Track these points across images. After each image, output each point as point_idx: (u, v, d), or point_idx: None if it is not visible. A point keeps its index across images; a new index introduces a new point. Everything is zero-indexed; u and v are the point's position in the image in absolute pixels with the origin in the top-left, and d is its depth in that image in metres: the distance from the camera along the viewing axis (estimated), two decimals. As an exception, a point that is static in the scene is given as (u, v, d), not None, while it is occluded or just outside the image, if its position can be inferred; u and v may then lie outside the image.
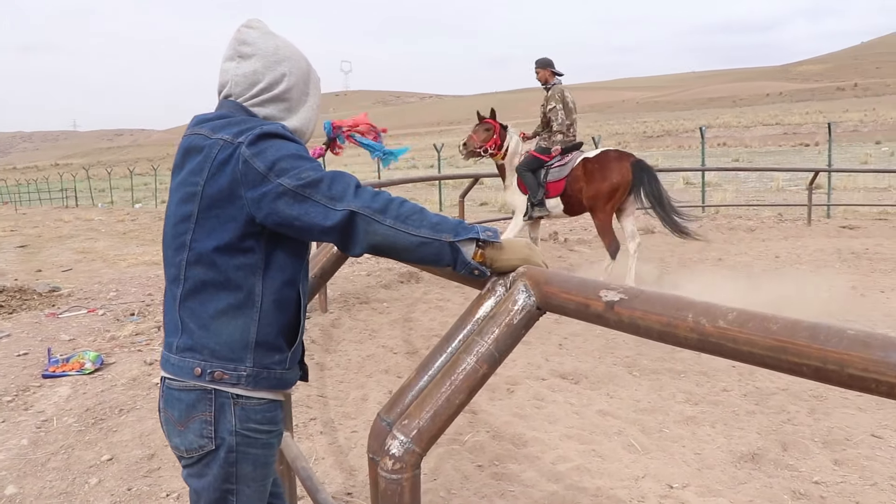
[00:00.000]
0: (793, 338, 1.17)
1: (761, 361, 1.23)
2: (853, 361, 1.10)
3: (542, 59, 8.91)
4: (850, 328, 1.13)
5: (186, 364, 1.91)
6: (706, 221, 14.95)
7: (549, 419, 4.73)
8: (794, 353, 1.17)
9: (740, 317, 1.26)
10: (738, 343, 1.25)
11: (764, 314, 1.24)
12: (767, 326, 1.21)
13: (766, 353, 1.21)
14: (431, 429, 1.64)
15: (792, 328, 1.19)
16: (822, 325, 1.16)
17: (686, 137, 55.45)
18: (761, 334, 1.22)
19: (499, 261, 1.78)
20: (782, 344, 1.19)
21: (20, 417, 5.40)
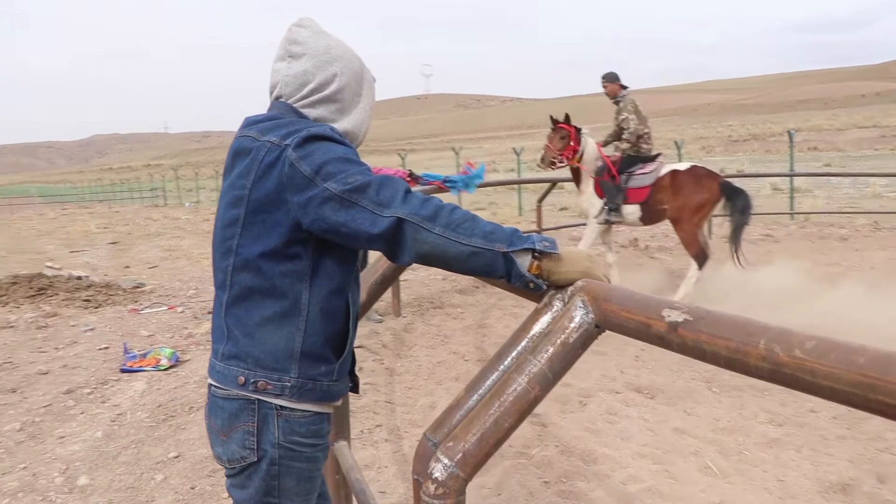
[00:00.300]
0: (885, 374, 1.01)
1: (845, 399, 1.07)
2: (958, 406, 0.93)
3: (610, 73, 8.87)
4: (955, 366, 0.97)
5: (230, 372, 1.85)
6: (794, 229, 14.37)
7: (622, 435, 4.54)
8: (884, 393, 1.01)
9: (820, 346, 1.10)
10: (816, 376, 1.09)
11: (850, 344, 1.08)
12: (853, 359, 1.05)
13: (851, 391, 1.05)
14: (477, 453, 1.52)
15: (884, 363, 1.02)
16: (920, 362, 0.99)
17: (774, 142, 53.62)
18: (845, 367, 1.05)
19: (556, 273, 1.64)
20: (871, 381, 1.02)
21: (97, 410, 5.50)
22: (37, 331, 7.99)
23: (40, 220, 31.28)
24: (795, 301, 7.74)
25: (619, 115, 8.67)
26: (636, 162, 8.59)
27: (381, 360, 6.27)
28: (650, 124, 8.97)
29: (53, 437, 4.97)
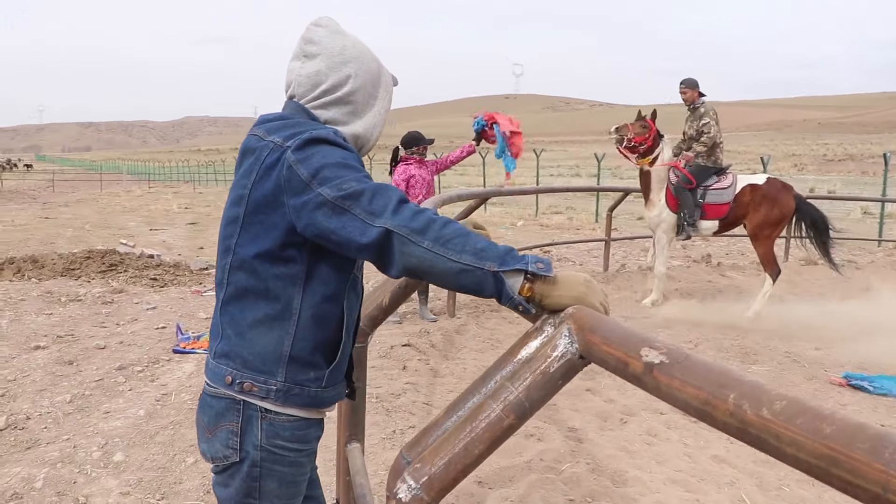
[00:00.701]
0: (849, 448, 0.90)
1: (808, 469, 0.96)
2: (922, 495, 0.82)
3: (690, 79, 8.75)
4: (928, 446, 0.86)
5: (220, 371, 1.85)
6: (881, 257, 13.79)
7: (658, 458, 4.39)
8: (847, 469, 0.90)
9: (789, 408, 0.99)
10: (781, 442, 0.99)
11: (821, 410, 0.97)
12: (819, 427, 0.94)
13: (814, 462, 0.94)
14: (444, 478, 1.46)
15: (850, 435, 0.91)
16: (893, 438, 0.88)
17: (871, 163, 51.56)
18: (810, 436, 0.95)
19: (549, 297, 1.56)
20: (834, 454, 0.91)
21: (144, 388, 5.61)
22: (102, 306, 8.23)
23: (127, 197, 32.38)
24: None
25: (700, 120, 8.50)
26: (710, 174, 8.38)
27: (427, 360, 6.22)
28: (725, 136, 8.80)
29: (100, 411, 5.08)
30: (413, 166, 7.43)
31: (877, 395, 5.75)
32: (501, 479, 4.07)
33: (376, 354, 6.34)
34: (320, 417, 1.97)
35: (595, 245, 13.26)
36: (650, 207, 8.58)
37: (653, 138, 8.33)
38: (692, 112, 8.64)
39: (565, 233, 17.66)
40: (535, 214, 23.57)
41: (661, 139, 8.44)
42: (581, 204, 27.06)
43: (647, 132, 8.30)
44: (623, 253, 13.53)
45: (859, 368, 6.45)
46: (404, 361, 6.13)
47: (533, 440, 4.62)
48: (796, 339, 7.48)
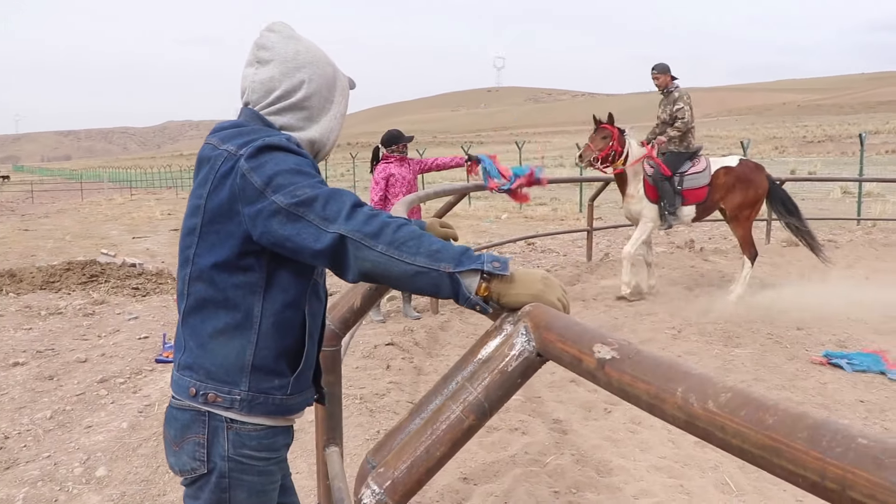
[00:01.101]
0: (789, 438, 0.90)
1: (752, 460, 0.97)
2: (857, 483, 0.82)
3: (661, 64, 8.76)
4: (865, 435, 0.86)
5: (184, 382, 1.84)
6: (860, 235, 13.87)
7: (642, 446, 4.40)
8: (788, 459, 0.90)
9: (734, 400, 0.99)
10: (726, 433, 0.99)
11: (764, 400, 0.97)
12: (762, 418, 0.95)
13: (758, 452, 0.95)
14: (407, 481, 1.46)
15: (791, 425, 0.91)
16: (830, 426, 0.89)
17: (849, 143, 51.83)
18: (753, 427, 0.95)
19: (506, 296, 1.55)
20: (776, 444, 0.92)
21: (127, 400, 5.58)
22: (83, 318, 8.18)
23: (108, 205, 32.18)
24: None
25: (673, 105, 8.49)
26: (683, 160, 8.41)
27: (411, 358, 6.22)
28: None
29: (81, 426, 5.05)
30: (393, 165, 7.41)
31: (856, 372, 5.79)
32: (486, 475, 4.08)
33: (360, 355, 6.33)
34: (288, 425, 1.96)
35: (579, 235, 13.28)
36: (630, 200, 8.54)
37: (617, 140, 8.30)
38: (665, 96, 8.65)
39: (550, 224, 17.69)
40: (520, 207, 23.59)
41: (625, 135, 8.42)
42: (565, 194, 27.11)
43: (608, 140, 8.25)
44: (607, 242, 13.56)
45: (839, 347, 6.50)
46: (388, 361, 6.12)
47: (517, 434, 4.62)
48: (778, 320, 7.52)
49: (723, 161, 8.67)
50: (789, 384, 5.58)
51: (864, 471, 0.82)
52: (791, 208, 8.78)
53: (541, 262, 11.63)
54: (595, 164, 8.34)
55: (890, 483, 0.79)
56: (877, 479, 0.80)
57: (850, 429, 0.87)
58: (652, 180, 8.37)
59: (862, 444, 0.84)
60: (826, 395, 5.35)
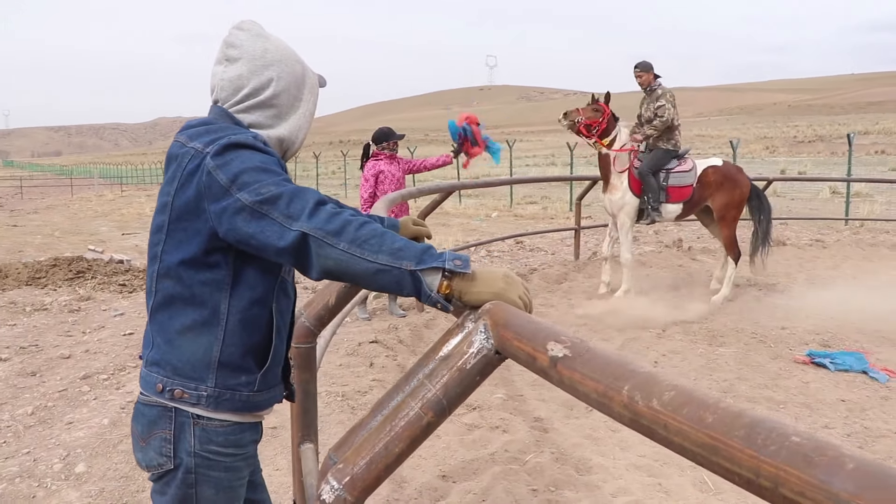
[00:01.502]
0: (726, 436, 0.91)
1: (693, 458, 0.97)
2: (789, 480, 0.83)
3: (644, 62, 8.73)
4: (798, 433, 0.86)
5: (151, 378, 1.85)
6: (847, 235, 13.92)
7: (622, 445, 4.42)
8: (725, 457, 0.91)
9: (677, 399, 1.00)
10: (669, 431, 1.00)
11: (706, 398, 0.98)
12: (702, 416, 0.95)
13: (697, 450, 0.95)
14: (366, 477, 1.47)
15: (729, 423, 0.92)
16: (766, 425, 0.89)
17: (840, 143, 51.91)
18: (694, 425, 0.96)
19: (468, 294, 1.56)
20: (714, 442, 0.93)
21: (110, 396, 5.57)
22: (68, 314, 8.15)
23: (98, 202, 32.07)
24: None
25: (656, 103, 8.48)
26: (670, 157, 8.42)
27: (395, 356, 6.22)
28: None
29: (62, 422, 5.03)
30: (383, 162, 7.41)
31: (838, 371, 5.82)
32: (465, 473, 4.08)
33: (344, 352, 6.33)
34: (256, 421, 1.97)
35: (568, 234, 13.30)
36: (612, 191, 8.50)
37: (606, 120, 8.29)
38: (648, 95, 8.63)
39: (540, 222, 17.70)
40: (510, 205, 23.61)
41: (617, 121, 8.43)
42: (556, 193, 27.11)
43: (599, 115, 8.26)
44: (596, 241, 13.57)
45: (823, 346, 6.53)
46: (371, 358, 6.12)
47: (498, 432, 4.63)
48: (763, 319, 7.55)
49: (708, 161, 8.72)
50: (772, 383, 5.61)
51: (795, 468, 0.83)
52: (767, 209, 8.91)
53: (529, 260, 11.64)
54: (575, 129, 8.33)
55: (818, 481, 0.80)
56: (806, 477, 0.81)
57: (785, 427, 0.88)
58: (638, 174, 8.37)
59: (795, 442, 0.85)
60: (808, 394, 5.38)
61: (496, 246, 12.82)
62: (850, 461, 0.80)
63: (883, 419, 4.90)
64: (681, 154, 8.54)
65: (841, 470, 0.79)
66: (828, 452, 0.82)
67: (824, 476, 0.80)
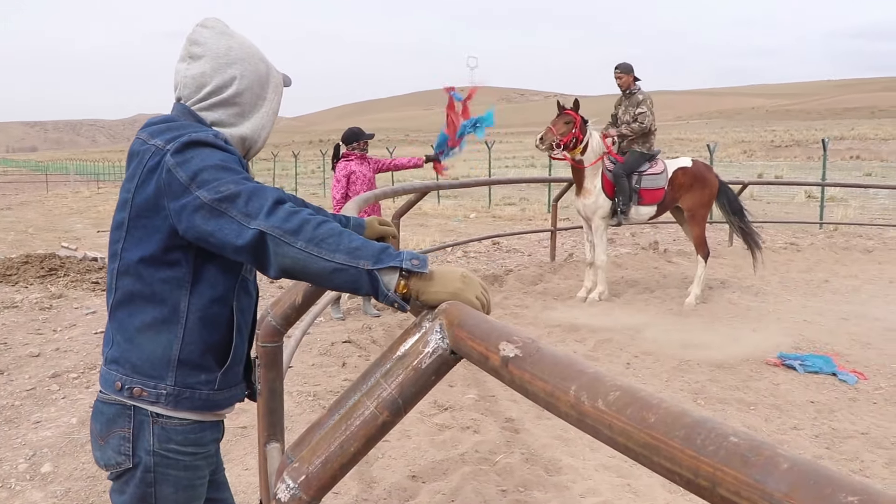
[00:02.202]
0: (667, 436, 0.92)
1: (637, 458, 0.98)
2: (726, 480, 0.84)
3: (625, 64, 8.78)
4: (737, 433, 0.87)
5: (111, 376, 1.84)
6: (821, 239, 14.06)
7: (592, 445, 4.43)
8: (666, 457, 0.92)
9: (621, 399, 1.01)
10: (613, 431, 1.00)
11: (649, 399, 0.99)
12: (645, 417, 0.96)
13: (640, 450, 0.96)
14: (321, 476, 1.46)
15: (670, 423, 0.93)
16: (706, 425, 0.90)
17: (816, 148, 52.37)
18: (637, 426, 0.96)
19: (425, 293, 1.56)
20: (656, 442, 0.93)
21: (79, 395, 5.51)
22: (39, 312, 8.06)
23: (74, 198, 31.74)
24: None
25: (636, 107, 8.52)
26: (644, 160, 8.47)
27: (368, 356, 6.20)
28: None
29: (29, 421, 4.98)
30: (354, 162, 7.40)
31: (808, 374, 5.87)
32: (435, 473, 4.08)
33: (316, 352, 6.31)
34: (216, 420, 1.96)
35: (545, 235, 13.32)
36: (585, 195, 8.53)
37: (579, 127, 8.32)
38: (627, 98, 8.66)
39: (517, 224, 17.74)
40: (489, 206, 23.63)
41: (588, 125, 8.46)
42: (534, 195, 27.15)
43: (571, 126, 8.27)
44: (572, 242, 13.62)
45: (794, 349, 6.59)
46: (344, 358, 6.11)
47: (469, 432, 4.63)
48: (736, 321, 7.61)
49: (678, 162, 8.79)
50: (743, 385, 5.64)
51: (732, 468, 0.83)
52: (736, 207, 8.96)
53: (505, 261, 11.66)
54: (554, 150, 8.34)
55: (754, 480, 0.81)
56: (742, 477, 0.82)
57: (724, 428, 0.89)
58: (612, 176, 8.41)
59: (733, 442, 0.86)
60: (778, 395, 5.42)
61: (473, 247, 12.83)
62: (784, 461, 0.80)
63: (850, 420, 4.95)
64: (652, 157, 8.60)
65: (776, 469, 0.80)
66: (763, 452, 0.83)
67: (759, 476, 0.80)
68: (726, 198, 8.91)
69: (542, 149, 8.42)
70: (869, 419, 4.99)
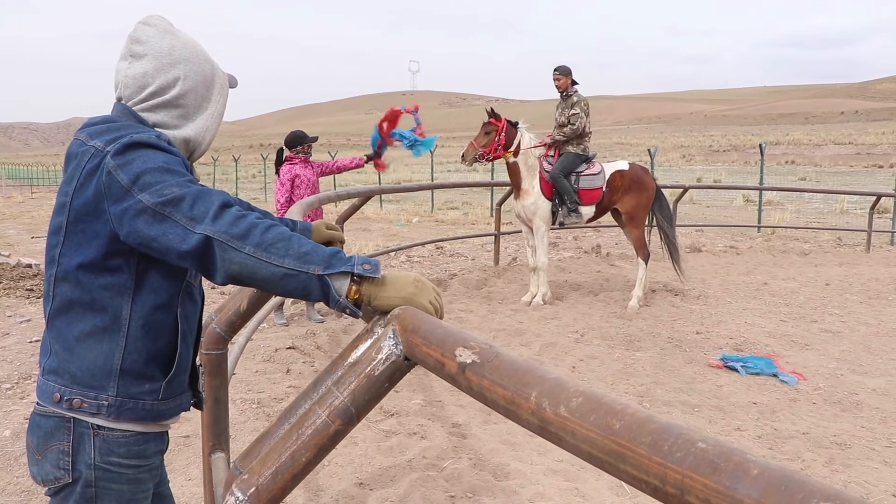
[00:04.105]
0: (633, 443, 0.90)
1: (601, 465, 0.96)
2: (694, 487, 0.82)
3: (564, 66, 8.86)
4: (705, 439, 0.85)
5: (48, 388, 1.76)
6: (759, 242, 14.37)
7: (540, 450, 4.43)
8: (632, 464, 0.90)
9: (584, 405, 0.98)
10: (576, 438, 0.98)
11: (613, 404, 0.96)
12: (609, 423, 0.94)
13: (605, 458, 0.94)
14: (272, 488, 1.42)
15: (636, 430, 0.91)
16: (673, 431, 0.88)
17: (753, 153, 53.78)
18: (602, 432, 0.94)
19: (377, 298, 1.53)
20: (622, 449, 0.91)
21: (13, 406, 5.32)
22: (-32, 320, 7.77)
23: (6, 204, 30.82)
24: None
25: (571, 109, 8.59)
26: (580, 161, 8.55)
27: (312, 362, 6.12)
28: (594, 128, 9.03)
29: (-41, 433, 4.78)
30: (298, 166, 7.31)
31: (750, 375, 5.97)
32: (383, 480, 4.03)
33: (260, 358, 6.20)
34: (161, 431, 1.89)
35: (489, 239, 13.35)
36: (524, 196, 8.56)
37: (503, 132, 8.35)
38: (564, 100, 8.75)
39: (461, 228, 17.76)
40: (431, 210, 23.62)
41: (517, 127, 8.50)
42: (477, 199, 27.24)
43: (492, 136, 8.32)
44: (515, 246, 13.67)
45: (736, 350, 6.70)
46: (288, 364, 6.01)
47: (416, 438, 4.59)
48: (679, 324, 7.71)
49: (615, 165, 8.88)
50: (687, 387, 5.71)
51: (701, 475, 0.82)
52: (667, 214, 9.11)
53: (449, 265, 11.64)
54: (480, 160, 8.37)
55: (724, 487, 0.79)
56: (712, 483, 0.80)
57: (691, 433, 0.87)
58: (550, 177, 8.45)
59: (701, 448, 0.84)
60: (721, 397, 5.49)
61: (417, 251, 12.79)
62: (754, 467, 0.79)
63: (792, 420, 5.04)
64: (589, 157, 8.69)
65: (746, 476, 0.78)
66: (733, 458, 0.81)
67: (729, 482, 0.79)
68: (658, 203, 9.03)
69: (466, 164, 8.46)
70: (809, 419, 5.09)
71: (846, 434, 4.83)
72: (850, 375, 6.04)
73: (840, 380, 5.92)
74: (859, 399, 5.48)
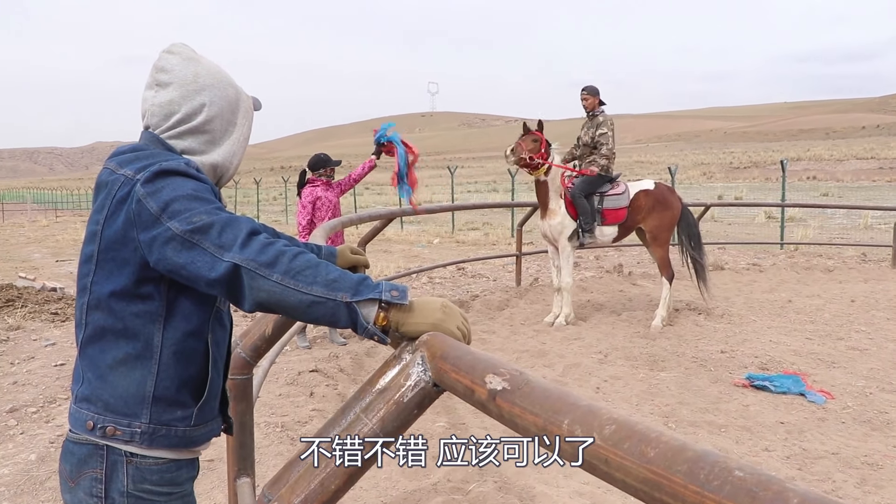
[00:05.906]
0: (669, 471, 0.89)
1: (636, 493, 0.95)
2: (733, 517, 0.81)
3: (591, 86, 8.87)
4: (742, 467, 0.84)
5: (81, 416, 1.76)
6: (783, 259, 14.26)
7: (565, 472, 4.39)
8: (668, 493, 0.89)
9: (618, 433, 0.98)
10: (610, 466, 0.97)
11: (647, 432, 0.96)
12: (644, 451, 0.93)
13: (640, 486, 0.93)
14: (301, 517, 1.41)
15: (671, 458, 0.90)
16: (709, 459, 0.87)
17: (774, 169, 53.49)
18: (636, 460, 0.93)
19: (406, 325, 1.53)
20: (657, 478, 0.90)
21: (38, 430, 5.36)
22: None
23: (31, 228, 31.19)
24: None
25: (597, 129, 8.62)
26: (603, 181, 8.55)
27: (336, 385, 6.12)
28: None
29: (-14, 458, 4.82)
30: (320, 188, 7.36)
31: (777, 394, 5.90)
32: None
33: (283, 381, 6.21)
34: (192, 457, 1.89)
35: (510, 260, 13.34)
36: (551, 216, 8.56)
37: (545, 147, 8.37)
38: (590, 119, 8.77)
39: (481, 249, 17.75)
40: (452, 231, 23.64)
41: (551, 148, 8.51)
42: (497, 219, 27.25)
43: (538, 144, 8.32)
44: (537, 267, 13.66)
45: (761, 369, 6.63)
46: (312, 388, 6.02)
47: (441, 461, 4.56)
48: (703, 343, 7.65)
49: (640, 185, 8.87)
50: (713, 407, 5.65)
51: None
52: (695, 233, 9.04)
53: (471, 286, 11.64)
54: (522, 164, 8.32)
55: (763, 517, 0.78)
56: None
57: (728, 461, 0.86)
58: (571, 196, 8.45)
59: (738, 476, 0.83)
60: (748, 416, 5.43)
61: (438, 272, 12.79)
62: (794, 496, 0.78)
63: (820, 440, 4.97)
64: (613, 178, 8.67)
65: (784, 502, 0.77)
66: (772, 487, 0.80)
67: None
68: (686, 222, 8.99)
69: (511, 161, 8.39)
70: (838, 439, 5.02)
71: (877, 454, 4.76)
72: (880, 394, 5.95)
73: (869, 398, 5.84)
74: (890, 418, 5.40)
